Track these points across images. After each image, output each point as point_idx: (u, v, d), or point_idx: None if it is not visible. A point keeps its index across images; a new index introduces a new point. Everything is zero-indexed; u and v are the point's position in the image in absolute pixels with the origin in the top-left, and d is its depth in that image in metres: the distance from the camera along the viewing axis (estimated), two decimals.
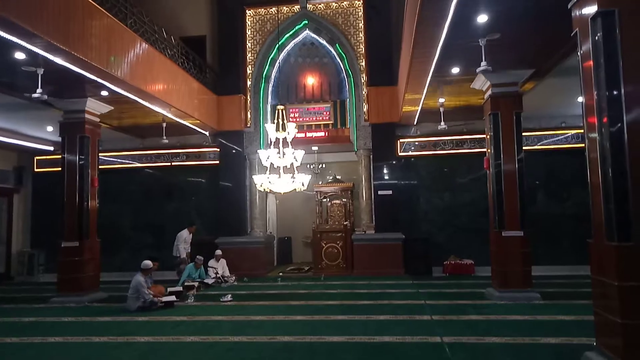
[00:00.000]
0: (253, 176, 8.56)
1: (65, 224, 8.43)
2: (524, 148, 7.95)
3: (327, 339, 5.34)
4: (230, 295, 8.21)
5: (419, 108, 9.95)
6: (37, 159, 12.61)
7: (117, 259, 11.77)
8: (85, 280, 8.40)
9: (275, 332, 5.66)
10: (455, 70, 7.59)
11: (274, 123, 8.62)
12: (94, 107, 8.74)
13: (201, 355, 4.86)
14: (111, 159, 12.46)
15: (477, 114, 9.50)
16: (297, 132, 11.71)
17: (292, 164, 8.56)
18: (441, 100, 9.54)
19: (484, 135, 8.69)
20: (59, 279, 8.48)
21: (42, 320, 6.83)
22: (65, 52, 6.14)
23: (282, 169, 8.57)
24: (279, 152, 8.37)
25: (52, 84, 7.40)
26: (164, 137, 10.82)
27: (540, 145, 11.15)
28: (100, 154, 12.23)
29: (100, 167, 12.28)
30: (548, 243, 10.70)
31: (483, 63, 6.21)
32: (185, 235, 10.36)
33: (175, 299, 7.82)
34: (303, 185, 8.63)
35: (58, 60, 6.32)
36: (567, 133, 10.96)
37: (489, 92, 7.84)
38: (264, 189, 8.67)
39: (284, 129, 8.55)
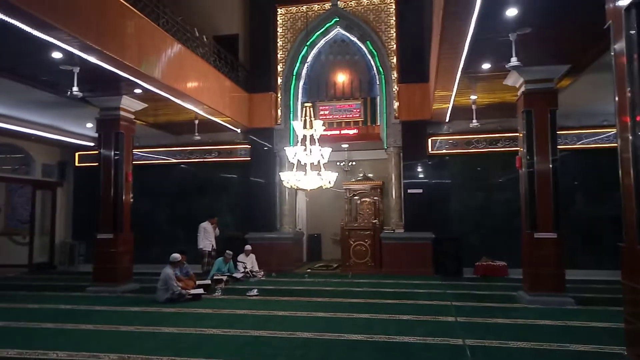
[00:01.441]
0: (280, 173, 8.61)
1: (100, 217, 8.77)
2: (561, 147, 7.66)
3: (346, 337, 5.32)
4: (256, 290, 8.31)
5: (450, 105, 9.74)
6: (78, 154, 13.16)
7: (151, 251, 12.09)
8: (119, 271, 8.71)
9: (295, 328, 5.69)
10: (486, 66, 7.36)
11: (301, 120, 8.68)
12: (129, 105, 9.03)
13: (220, 348, 4.95)
14: (148, 155, 12.85)
15: (511, 112, 9.15)
16: (327, 130, 11.84)
17: (319, 161, 8.59)
18: (473, 97, 9.29)
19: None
20: (95, 269, 8.85)
21: (77, 308, 7.13)
22: (99, 52, 6.36)
23: (310, 166, 8.61)
24: (305, 149, 8.40)
25: (88, 82, 7.67)
26: (196, 134, 11.05)
27: (579, 143, 10.69)
28: (137, 150, 12.80)
29: (137, 162, 12.81)
30: (587, 246, 10.26)
31: (513, 59, 5.99)
32: (205, 227, 10.53)
33: (202, 292, 7.99)
34: (330, 182, 8.64)
35: (92, 59, 6.56)
36: (609, 131, 10.42)
37: (523, 88, 7.58)
38: (291, 186, 8.73)
39: (311, 126, 8.58)
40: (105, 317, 6.49)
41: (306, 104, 8.77)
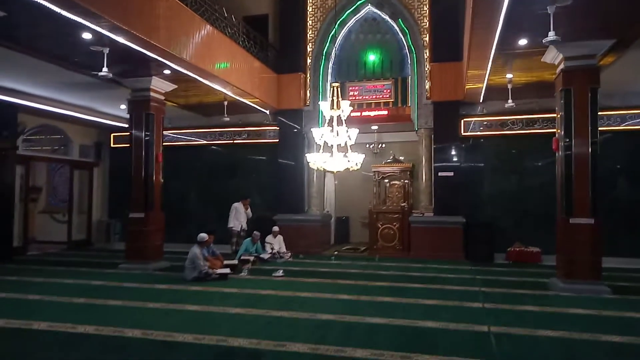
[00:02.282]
0: (306, 155, 8.54)
1: (132, 196, 8.98)
2: (603, 128, 7.19)
3: (367, 320, 5.25)
4: (282, 271, 8.35)
5: (484, 85, 9.35)
6: (113, 135, 13.49)
7: (183, 230, 12.32)
8: (149, 250, 8.93)
9: (316, 310, 5.67)
10: (523, 42, 6.98)
11: (329, 101, 8.55)
12: (159, 86, 9.12)
13: (240, 327, 4.98)
14: (179, 136, 13.05)
15: (550, 91, 8.67)
16: (356, 111, 11.66)
17: (346, 143, 8.46)
18: (509, 75, 8.89)
19: None
20: (127, 247, 9.11)
21: (108, 285, 7.37)
22: (127, 32, 6.41)
23: (337, 148, 8.50)
24: (332, 130, 8.28)
25: (118, 63, 7.82)
26: (225, 115, 11.11)
27: (624, 125, 10.08)
28: (169, 131, 13.04)
29: (169, 143, 13.06)
30: (628, 232, 9.77)
31: (551, 33, 5.61)
32: (237, 207, 10.61)
33: (229, 271, 8.09)
34: (357, 164, 8.51)
35: (120, 40, 6.62)
36: None
37: (562, 65, 7.16)
38: (317, 168, 8.65)
39: (338, 107, 8.45)
40: (133, 294, 6.67)
41: (334, 84, 8.63)
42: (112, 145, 13.64)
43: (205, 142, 12.87)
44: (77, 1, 5.49)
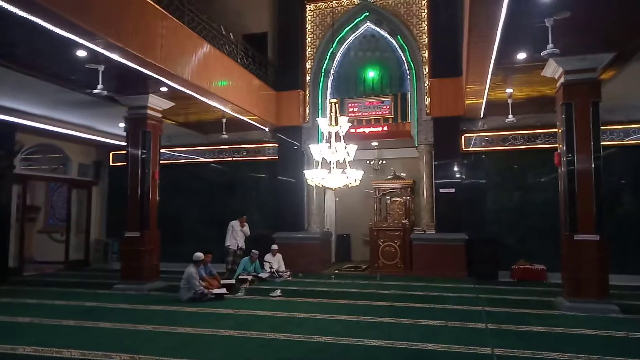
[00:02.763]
0: (304, 171, 8.42)
1: (128, 215, 8.85)
2: (607, 143, 7.05)
3: (366, 342, 5.04)
4: (279, 291, 8.15)
5: (484, 100, 9.26)
6: (112, 154, 13.42)
7: (181, 249, 12.12)
8: (145, 269, 8.75)
9: (314, 332, 5.46)
10: (521, 56, 6.90)
11: (327, 117, 8.46)
12: (156, 103, 9.06)
13: (233, 350, 4.79)
14: (178, 154, 12.98)
15: (551, 106, 8.57)
16: (356, 127, 11.58)
17: (344, 159, 8.34)
18: (509, 90, 8.79)
19: None
20: (122, 267, 8.94)
21: (101, 306, 7.18)
22: (121, 49, 6.36)
23: (335, 164, 8.38)
24: (330, 146, 8.17)
25: (114, 80, 7.78)
26: (224, 133, 11.02)
27: (628, 140, 9.92)
28: (168, 149, 12.99)
29: (168, 161, 13.02)
30: (637, 248, 9.53)
31: (550, 46, 5.54)
32: (234, 225, 10.42)
33: (225, 291, 7.90)
34: (356, 181, 8.37)
35: (115, 57, 6.56)
36: None
37: (562, 79, 7.06)
38: (316, 184, 8.52)
39: (337, 123, 8.35)
40: (125, 315, 6.48)
41: (332, 100, 8.55)
42: (111, 163, 13.57)
43: (204, 159, 12.79)
44: (71, 19, 5.48)
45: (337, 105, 8.45)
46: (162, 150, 12.86)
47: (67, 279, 10.39)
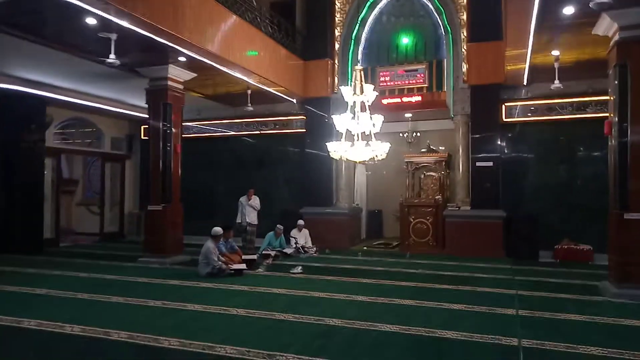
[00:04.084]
0: (327, 144, 7.97)
1: (150, 188, 8.77)
2: None
3: (379, 327, 4.65)
4: (300, 268, 7.88)
5: (527, 65, 8.41)
6: (144, 128, 13.43)
7: (210, 223, 12.10)
8: (168, 243, 8.70)
9: (326, 313, 5.13)
10: (569, 10, 6.07)
11: (352, 85, 7.94)
12: (177, 74, 8.82)
13: (236, 331, 4.54)
14: (207, 127, 12.84)
15: (603, 70, 7.63)
16: (388, 97, 10.96)
17: (370, 131, 7.83)
18: (555, 53, 7.90)
19: None
20: (145, 240, 8.95)
21: (120, 279, 7.16)
22: (130, 15, 6.10)
23: (360, 136, 7.89)
24: (354, 117, 7.67)
25: (131, 50, 7.58)
26: (249, 105, 10.71)
27: None
28: (197, 122, 12.88)
29: (197, 135, 12.93)
30: None
31: None
32: (241, 200, 10.18)
33: (244, 267, 7.70)
34: (382, 154, 7.86)
35: (126, 24, 6.30)
36: None
37: (616, 37, 6.19)
38: (340, 157, 8.07)
39: (362, 92, 7.82)
40: (140, 290, 6.40)
41: (357, 67, 7.99)
42: (143, 137, 13.61)
43: (232, 133, 12.58)
44: None
45: (362, 72, 7.87)
46: (190, 124, 12.96)
47: (98, 251, 10.58)
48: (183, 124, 12.85)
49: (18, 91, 9.69)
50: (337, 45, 11.36)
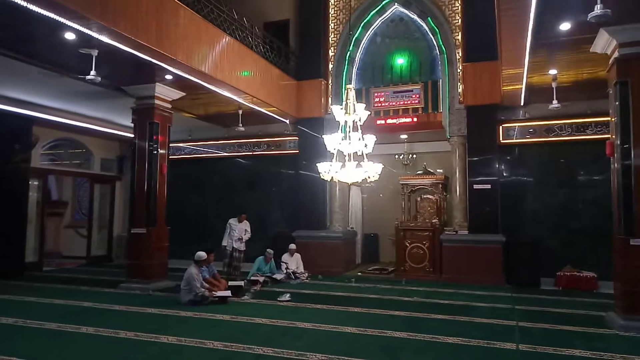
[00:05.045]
0: (317, 164, 7.66)
1: (133, 210, 8.44)
2: None
3: None
4: (288, 295, 7.46)
5: (524, 85, 8.18)
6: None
7: (198, 247, 11.70)
8: (151, 268, 8.31)
9: (309, 347, 4.73)
10: (565, 26, 5.84)
11: (342, 105, 7.66)
12: (164, 93, 8.59)
13: None
14: (199, 148, 12.58)
15: (603, 90, 7.42)
16: (382, 118, 10.72)
17: (362, 151, 7.52)
18: (552, 72, 7.68)
19: None
20: (128, 264, 8.55)
21: (95, 307, 6.75)
22: (112, 31, 5.88)
23: (351, 157, 7.57)
24: (344, 137, 7.37)
25: (115, 68, 7.38)
26: (240, 125, 10.46)
27: None
28: (188, 144, 12.63)
29: (188, 156, 12.68)
30: None
31: (598, 6, 4.50)
32: (231, 223, 9.31)
33: (229, 294, 7.29)
34: (374, 175, 7.50)
35: (106, 40, 6.08)
36: None
37: (615, 54, 5.95)
38: (330, 179, 7.73)
39: (353, 111, 7.54)
40: (114, 320, 5.99)
41: (348, 86, 7.73)
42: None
43: (225, 154, 12.30)
44: (66, 4, 5.14)
45: (353, 91, 7.61)
46: (182, 145, 12.71)
47: (82, 275, 10.16)
48: (174, 144, 12.77)
49: (2, 110, 9.45)
50: (330, 66, 11.18)
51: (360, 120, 7.52)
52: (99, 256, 12.83)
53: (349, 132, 7.44)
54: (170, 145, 12.63)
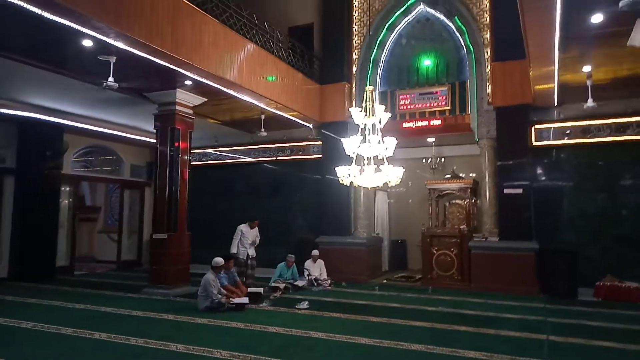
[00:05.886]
0: (335, 168, 7.46)
1: (155, 216, 8.49)
2: None
3: None
4: (306, 303, 7.27)
5: (555, 83, 7.72)
6: None
7: (223, 252, 11.75)
8: (172, 274, 8.31)
9: (318, 359, 4.51)
10: (596, 18, 5.43)
11: (362, 108, 7.46)
12: (185, 99, 8.62)
13: None
14: (224, 154, 12.64)
15: None
16: (408, 121, 10.43)
17: (383, 155, 7.27)
18: (586, 69, 7.20)
19: None
20: (150, 270, 8.58)
21: (114, 312, 6.77)
22: (128, 37, 5.94)
23: (372, 160, 7.33)
24: (363, 140, 7.15)
25: (136, 74, 7.46)
26: (263, 130, 10.42)
27: None
28: (214, 149, 12.72)
29: (215, 162, 12.76)
30: None
31: None
32: (242, 229, 8.80)
33: (246, 301, 7.17)
34: (395, 180, 7.24)
35: (123, 46, 6.14)
36: None
37: None
38: (349, 183, 7.52)
39: (373, 114, 7.31)
40: (128, 326, 5.97)
41: (368, 88, 7.52)
42: None
43: (249, 159, 12.30)
44: (80, 11, 5.25)
45: (373, 93, 7.39)
46: (208, 151, 12.81)
47: (109, 280, 10.31)
48: (200, 150, 12.91)
49: (35, 119, 9.77)
50: (354, 69, 10.99)
51: (380, 122, 7.30)
52: (129, 261, 13.04)
53: (369, 135, 7.23)
54: (197, 151, 13.01)
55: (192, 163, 12.67)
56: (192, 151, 12.76)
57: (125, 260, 12.96)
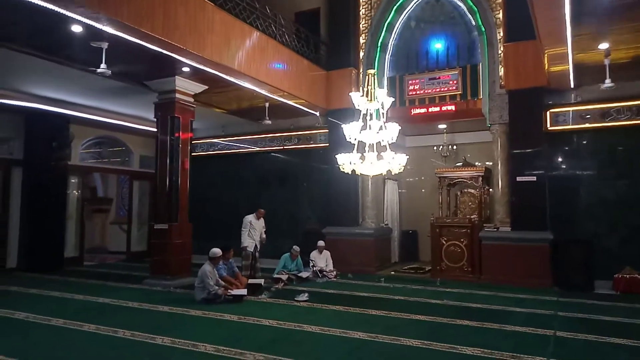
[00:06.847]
0: (336, 156, 7.19)
1: (155, 206, 8.38)
2: None
3: None
4: (306, 295, 7.06)
5: (570, 64, 7.26)
6: None
7: (231, 243, 11.62)
8: (173, 264, 8.21)
9: (306, 355, 4.33)
10: None
11: (363, 92, 7.16)
12: (185, 87, 8.46)
13: None
14: (232, 143, 12.48)
15: None
16: (417, 107, 10.05)
17: (387, 141, 6.97)
18: (603, 45, 6.72)
19: None
20: (151, 261, 8.50)
21: (110, 304, 6.69)
22: (116, 22, 5.77)
23: (374, 147, 7.05)
24: (364, 126, 6.86)
25: (132, 61, 7.32)
26: (267, 119, 10.19)
27: None
28: (221, 139, 12.58)
29: (222, 151, 12.61)
30: None
31: None
32: (250, 219, 8.63)
33: (244, 293, 7.00)
34: (398, 167, 6.93)
35: (111, 31, 5.98)
36: None
37: None
38: (351, 171, 7.24)
39: (376, 98, 7.00)
40: (121, 317, 5.88)
41: (369, 71, 7.21)
42: None
43: (257, 149, 12.11)
44: None
45: (374, 77, 7.08)
46: (216, 140, 12.68)
47: (116, 271, 10.31)
48: (208, 140, 12.79)
49: (40, 109, 9.76)
50: (361, 54, 10.63)
51: (383, 107, 6.99)
52: (139, 252, 13.05)
53: (369, 120, 6.94)
54: (204, 141, 12.89)
55: (199, 153, 12.75)
56: (199, 141, 12.88)
57: (135, 252, 12.98)
